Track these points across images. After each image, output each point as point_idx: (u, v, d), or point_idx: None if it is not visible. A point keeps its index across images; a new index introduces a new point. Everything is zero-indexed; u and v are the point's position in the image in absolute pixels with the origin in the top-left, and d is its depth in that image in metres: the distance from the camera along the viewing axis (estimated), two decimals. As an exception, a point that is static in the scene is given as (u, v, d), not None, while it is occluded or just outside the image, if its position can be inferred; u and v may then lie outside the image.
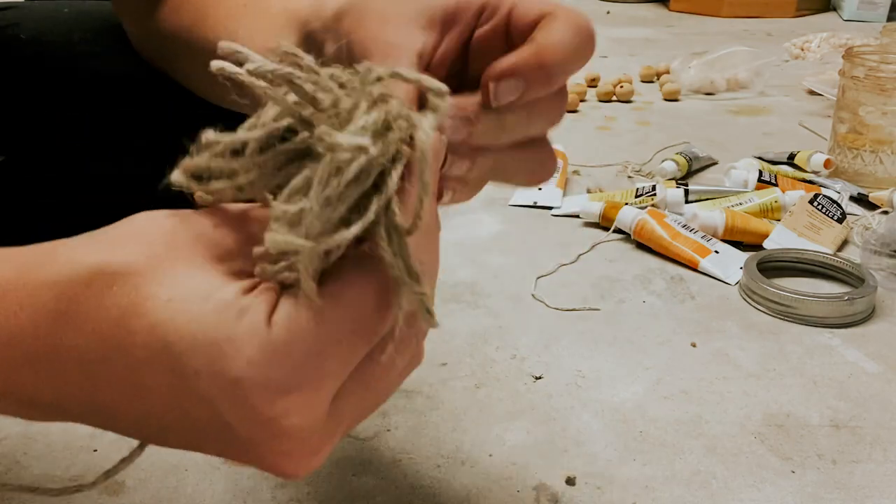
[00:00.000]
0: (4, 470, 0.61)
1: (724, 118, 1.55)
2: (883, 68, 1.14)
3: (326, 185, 0.27)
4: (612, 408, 0.70)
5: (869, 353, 0.78)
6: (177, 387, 0.29)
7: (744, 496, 0.60)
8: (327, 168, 0.27)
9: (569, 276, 0.93)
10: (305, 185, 0.28)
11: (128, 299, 0.29)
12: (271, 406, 0.28)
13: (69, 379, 0.31)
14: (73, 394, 0.31)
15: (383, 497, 0.59)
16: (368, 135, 0.28)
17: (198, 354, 0.28)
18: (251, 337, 0.28)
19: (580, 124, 1.50)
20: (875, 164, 1.17)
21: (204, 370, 0.28)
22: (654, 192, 1.08)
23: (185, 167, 0.31)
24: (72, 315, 0.30)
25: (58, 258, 0.32)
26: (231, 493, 0.59)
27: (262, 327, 0.28)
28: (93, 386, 0.31)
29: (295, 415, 0.29)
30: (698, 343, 0.80)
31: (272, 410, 0.28)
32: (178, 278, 0.29)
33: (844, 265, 0.91)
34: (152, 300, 0.29)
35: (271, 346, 0.28)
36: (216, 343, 0.28)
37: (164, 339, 0.29)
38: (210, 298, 0.29)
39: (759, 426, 0.68)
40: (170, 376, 0.29)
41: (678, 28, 2.46)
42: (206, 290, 0.29)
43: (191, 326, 0.29)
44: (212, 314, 0.29)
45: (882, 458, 0.64)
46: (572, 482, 0.61)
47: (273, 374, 0.28)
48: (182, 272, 0.30)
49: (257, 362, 0.28)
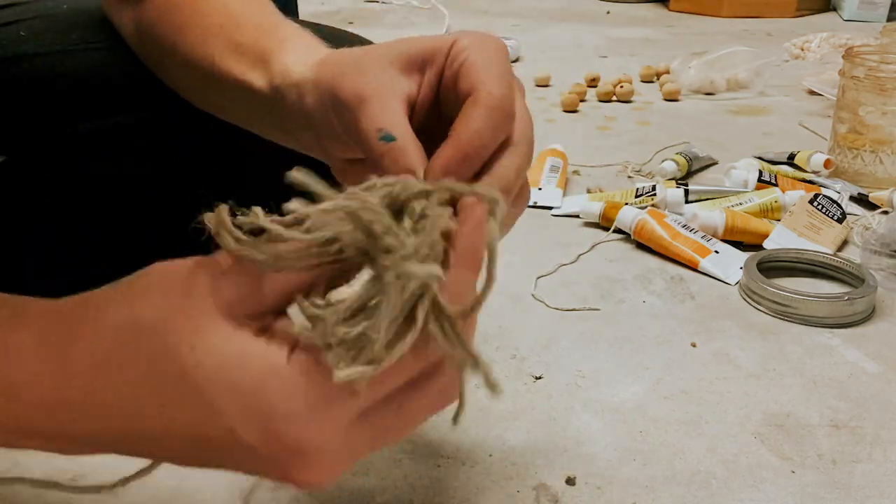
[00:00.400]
0: (5, 470, 0.61)
1: (724, 118, 1.55)
2: (883, 68, 1.14)
3: (391, 309, 0.30)
4: (612, 408, 0.70)
5: (869, 353, 0.78)
6: (204, 424, 0.33)
7: (744, 496, 0.60)
8: (397, 294, 0.30)
9: (569, 276, 0.93)
10: (361, 306, 0.31)
11: (155, 350, 0.33)
12: (292, 432, 0.32)
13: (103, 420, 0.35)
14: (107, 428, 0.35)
15: (383, 497, 0.59)
16: (431, 261, 0.31)
17: (223, 394, 0.32)
18: (273, 374, 0.32)
19: (580, 124, 1.50)
20: (875, 164, 1.17)
21: (230, 407, 0.32)
22: (654, 192, 1.08)
23: (244, 222, 0.33)
24: (105, 368, 0.34)
25: (87, 316, 0.36)
26: (231, 493, 0.59)
27: (282, 365, 0.32)
28: (127, 423, 0.34)
29: (312, 438, 0.32)
30: (698, 343, 0.80)
31: (293, 435, 0.32)
32: (197, 327, 0.33)
33: (844, 265, 0.91)
34: (178, 348, 0.33)
35: (292, 383, 0.32)
36: (241, 383, 0.32)
37: (192, 382, 0.32)
38: (229, 344, 0.32)
39: (759, 426, 0.68)
40: (198, 413, 0.33)
41: (678, 28, 2.46)
42: (225, 335, 0.33)
43: (216, 371, 0.32)
44: (235, 358, 0.32)
45: (882, 458, 0.64)
46: (572, 482, 0.61)
47: (294, 405, 0.32)
48: (200, 321, 0.33)
49: (280, 396, 0.32)
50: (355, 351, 0.31)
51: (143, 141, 0.71)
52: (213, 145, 0.72)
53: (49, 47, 0.70)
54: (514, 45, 1.97)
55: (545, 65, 1.90)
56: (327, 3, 2.82)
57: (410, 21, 2.51)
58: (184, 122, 0.70)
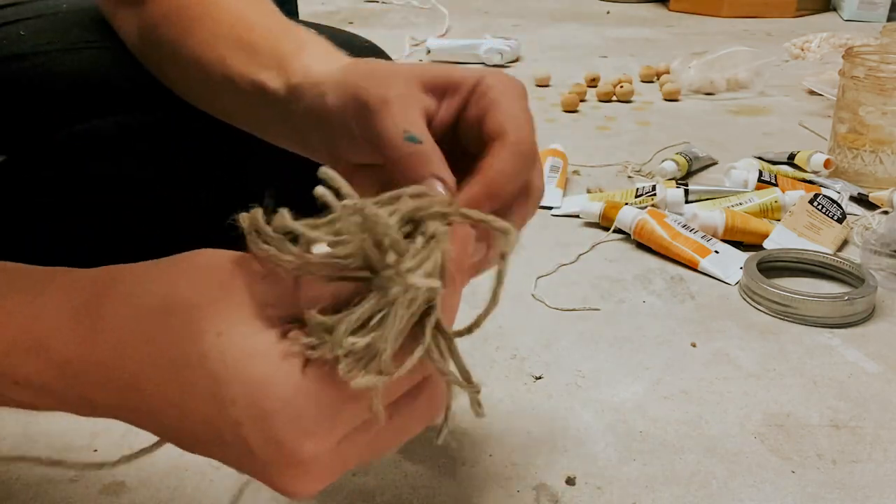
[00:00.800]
0: (5, 470, 0.61)
1: (724, 118, 1.55)
2: (883, 68, 1.14)
3: (397, 321, 0.32)
4: (612, 408, 0.70)
5: (869, 353, 0.78)
6: (213, 411, 0.33)
7: (744, 496, 0.60)
8: (402, 306, 0.32)
9: (569, 276, 0.93)
10: (369, 317, 0.32)
11: (183, 330, 0.34)
12: (293, 440, 0.32)
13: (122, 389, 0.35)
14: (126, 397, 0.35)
15: (383, 497, 0.59)
16: (437, 276, 0.33)
17: (238, 385, 0.32)
18: (287, 380, 0.32)
19: (580, 124, 1.50)
20: (875, 164, 1.17)
21: (241, 400, 0.32)
22: (654, 192, 1.08)
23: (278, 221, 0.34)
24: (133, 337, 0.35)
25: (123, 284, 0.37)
26: (231, 493, 0.59)
27: (297, 373, 0.32)
28: (144, 395, 0.35)
29: (310, 450, 0.33)
30: (698, 343, 0.80)
31: (293, 444, 0.32)
32: (228, 317, 0.34)
33: (844, 265, 0.91)
34: (205, 334, 0.33)
35: (303, 392, 0.32)
36: (256, 379, 0.32)
37: (211, 368, 0.33)
38: (255, 339, 0.33)
39: (759, 426, 0.68)
40: (210, 400, 0.33)
41: (678, 28, 2.46)
42: (251, 331, 0.33)
43: (236, 362, 0.33)
44: (257, 354, 0.33)
45: (882, 458, 0.64)
46: (572, 482, 0.61)
47: (301, 414, 0.32)
48: (233, 313, 0.34)
49: (289, 402, 0.32)
50: (365, 361, 0.32)
51: (144, 144, 0.71)
52: (214, 148, 0.72)
53: (49, 46, 0.70)
54: (514, 45, 1.97)
55: (545, 65, 1.90)
56: (327, 2, 2.82)
57: (410, 21, 2.51)
58: (185, 125, 0.70)
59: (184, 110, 0.63)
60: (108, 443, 0.64)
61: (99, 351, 0.35)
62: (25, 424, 0.66)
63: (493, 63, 1.91)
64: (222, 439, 0.34)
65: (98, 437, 0.64)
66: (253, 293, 0.34)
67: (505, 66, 1.92)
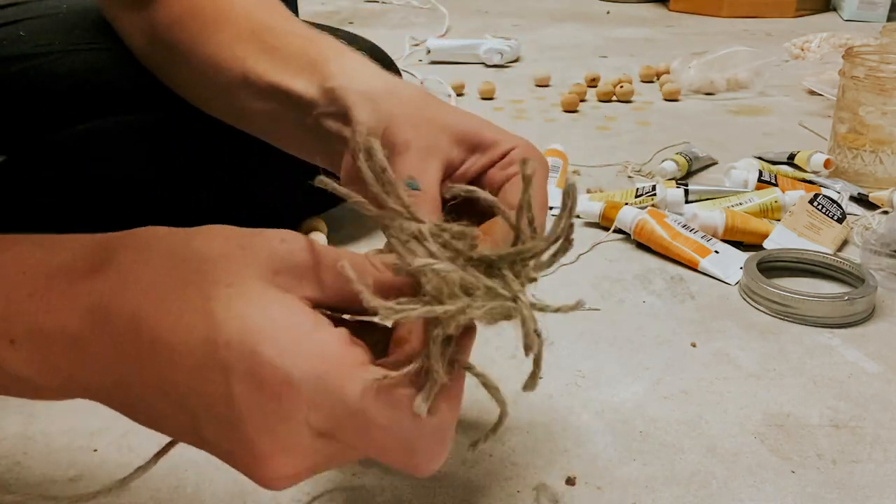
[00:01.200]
0: (5, 470, 0.61)
1: (724, 118, 1.55)
2: (883, 68, 1.14)
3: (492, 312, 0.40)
4: (612, 408, 0.70)
5: (869, 353, 0.78)
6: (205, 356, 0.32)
7: (744, 496, 0.60)
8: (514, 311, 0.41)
9: (569, 276, 0.93)
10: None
11: (193, 276, 0.34)
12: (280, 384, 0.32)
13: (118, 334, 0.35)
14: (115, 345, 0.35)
15: (383, 497, 0.59)
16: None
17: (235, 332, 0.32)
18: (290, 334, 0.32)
19: (580, 124, 1.50)
20: (875, 164, 1.17)
21: (235, 345, 0.32)
22: (654, 192, 1.08)
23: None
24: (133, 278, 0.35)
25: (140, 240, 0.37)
26: (231, 493, 0.59)
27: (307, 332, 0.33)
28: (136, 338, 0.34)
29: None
30: (698, 343, 0.80)
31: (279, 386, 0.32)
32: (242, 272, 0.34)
33: (844, 265, 0.91)
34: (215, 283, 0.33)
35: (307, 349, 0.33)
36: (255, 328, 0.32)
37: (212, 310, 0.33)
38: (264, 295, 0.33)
39: (759, 426, 0.68)
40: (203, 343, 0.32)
41: (678, 28, 2.46)
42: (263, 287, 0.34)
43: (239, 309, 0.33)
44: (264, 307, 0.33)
45: (882, 458, 0.64)
46: (572, 482, 0.61)
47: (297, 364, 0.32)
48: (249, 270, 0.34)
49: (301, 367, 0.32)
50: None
51: (145, 144, 0.71)
52: (214, 148, 0.72)
53: (49, 47, 0.70)
54: (513, 45, 1.97)
55: (545, 65, 1.90)
56: (327, 2, 2.82)
57: (410, 21, 2.51)
58: (185, 125, 0.70)
59: (184, 111, 0.63)
60: (108, 442, 0.64)
61: (101, 287, 0.35)
62: (25, 424, 0.66)
63: (493, 63, 1.91)
64: (207, 390, 0.33)
65: (98, 436, 0.64)
66: (272, 257, 0.34)
67: (505, 66, 1.92)
